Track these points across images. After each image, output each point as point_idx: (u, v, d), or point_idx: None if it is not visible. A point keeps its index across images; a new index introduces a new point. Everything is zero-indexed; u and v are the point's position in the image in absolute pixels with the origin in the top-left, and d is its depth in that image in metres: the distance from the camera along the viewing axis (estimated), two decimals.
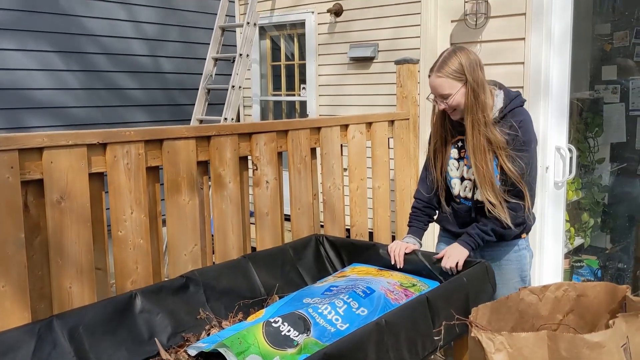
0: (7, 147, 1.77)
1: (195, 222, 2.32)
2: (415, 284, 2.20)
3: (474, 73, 2.11)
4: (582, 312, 1.80)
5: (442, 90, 2.12)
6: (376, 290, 2.05)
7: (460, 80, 2.10)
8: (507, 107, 2.17)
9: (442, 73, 2.11)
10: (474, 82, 2.09)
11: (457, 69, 2.09)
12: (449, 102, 2.12)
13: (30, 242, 1.88)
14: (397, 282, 2.17)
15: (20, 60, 5.09)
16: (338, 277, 2.28)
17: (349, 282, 2.17)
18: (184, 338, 1.98)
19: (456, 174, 2.31)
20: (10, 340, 1.66)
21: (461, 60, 2.10)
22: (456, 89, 2.10)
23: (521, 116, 2.17)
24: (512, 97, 2.20)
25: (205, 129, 2.36)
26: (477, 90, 2.10)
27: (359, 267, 2.39)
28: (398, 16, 4.04)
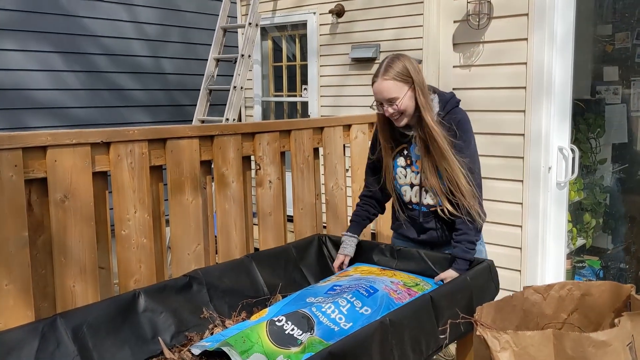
0: (10, 146, 1.77)
1: (199, 222, 2.32)
2: (419, 283, 2.20)
3: (419, 75, 2.11)
4: (586, 311, 1.80)
5: (389, 93, 2.09)
6: (379, 290, 2.05)
7: (407, 83, 2.09)
8: (444, 110, 2.18)
9: (388, 76, 2.08)
10: (419, 84, 2.10)
11: (403, 72, 2.08)
12: (397, 105, 2.10)
13: (33, 240, 1.88)
14: (401, 281, 2.17)
15: (21, 61, 5.10)
16: (341, 277, 2.28)
17: (352, 281, 2.17)
18: (187, 337, 1.98)
19: (405, 182, 2.30)
20: (14, 339, 1.65)
21: (405, 63, 2.10)
22: (404, 92, 2.08)
23: (459, 115, 2.18)
24: (447, 99, 2.21)
25: (208, 128, 2.36)
26: (424, 91, 2.11)
27: (362, 266, 2.39)
28: (400, 17, 4.05)
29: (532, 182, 3.16)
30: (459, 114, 2.20)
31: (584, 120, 3.88)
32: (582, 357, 1.43)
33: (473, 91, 3.35)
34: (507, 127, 3.25)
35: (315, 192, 2.86)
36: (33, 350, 1.67)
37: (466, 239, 2.17)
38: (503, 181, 3.27)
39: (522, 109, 3.17)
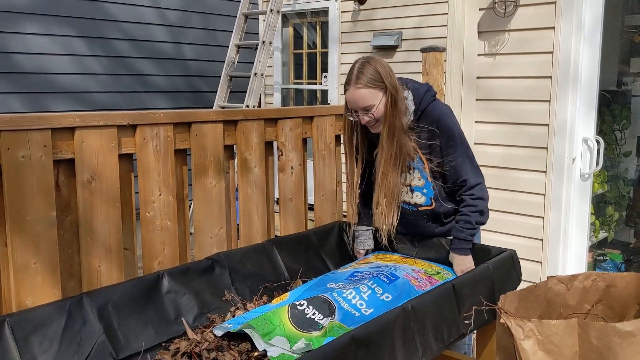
0: (40, 126, 1.79)
1: (221, 206, 2.34)
2: (440, 271, 2.19)
3: (392, 79, 2.02)
4: (610, 303, 1.79)
5: (364, 102, 2.01)
6: (400, 277, 2.06)
7: (381, 89, 2.01)
8: (419, 108, 2.10)
9: (361, 84, 1.99)
10: (392, 88, 2.01)
11: (375, 77, 1.99)
12: (373, 113, 2.02)
13: (60, 221, 1.91)
14: (422, 269, 2.17)
15: (44, 45, 5.15)
16: (362, 264, 2.29)
17: (372, 268, 2.17)
18: (209, 319, 2.00)
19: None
20: (42, 316, 1.69)
21: (377, 67, 2.00)
22: (379, 98, 2.01)
23: (435, 111, 2.10)
24: (421, 95, 2.11)
25: (232, 113, 2.37)
26: (396, 97, 2.02)
27: (383, 254, 2.39)
28: (423, 5, 4.01)
29: (555, 173, 3.13)
30: (435, 109, 2.11)
31: (610, 112, 3.82)
32: (606, 347, 1.42)
33: (497, 80, 3.32)
34: (531, 117, 3.21)
35: (336, 179, 2.86)
36: (60, 327, 1.71)
37: (464, 219, 2.16)
38: (526, 172, 3.24)
39: (547, 99, 3.14)
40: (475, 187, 2.15)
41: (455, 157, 2.12)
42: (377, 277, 2.04)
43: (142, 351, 1.80)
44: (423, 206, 2.24)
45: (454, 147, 2.11)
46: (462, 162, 2.12)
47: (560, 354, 1.46)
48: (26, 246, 1.79)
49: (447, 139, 2.10)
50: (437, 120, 2.10)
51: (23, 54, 5.03)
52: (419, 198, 2.23)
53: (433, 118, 2.10)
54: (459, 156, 2.12)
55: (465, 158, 2.14)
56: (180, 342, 1.84)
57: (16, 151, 1.75)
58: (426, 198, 2.22)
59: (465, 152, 2.15)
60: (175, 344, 1.83)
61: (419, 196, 2.23)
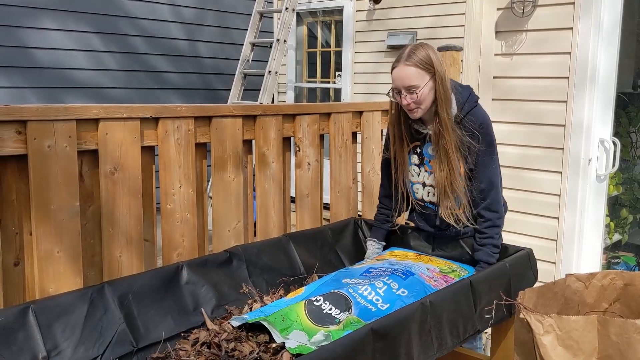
0: (66, 117, 1.82)
1: (239, 200, 2.36)
2: (455, 269, 2.20)
3: (442, 67, 2.01)
4: (628, 301, 1.79)
5: (410, 80, 1.97)
6: (416, 274, 2.06)
7: (429, 72, 1.98)
8: (463, 110, 2.07)
9: (410, 62, 1.97)
10: (442, 75, 1.99)
11: (426, 60, 1.97)
12: (417, 94, 1.99)
13: (83, 210, 1.94)
14: (437, 268, 2.17)
15: (61, 40, 5.19)
16: (377, 260, 2.29)
17: (388, 265, 2.17)
18: (227, 310, 2.02)
19: (418, 180, 2.24)
20: (65, 303, 1.72)
21: (429, 52, 1.99)
22: (425, 81, 1.98)
23: (480, 117, 2.08)
24: (465, 97, 2.09)
25: (252, 108, 2.39)
26: (445, 84, 2.00)
27: (398, 251, 2.39)
28: (440, 4, 4.01)
29: (571, 174, 3.12)
30: (480, 115, 2.09)
31: (626, 114, 3.81)
32: (626, 343, 1.43)
33: (514, 80, 3.32)
34: (547, 117, 3.21)
35: (352, 176, 2.87)
36: (82, 314, 1.74)
37: (491, 242, 2.14)
38: (541, 172, 3.24)
39: (564, 100, 3.13)
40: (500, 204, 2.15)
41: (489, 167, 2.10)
42: (392, 273, 2.05)
43: (161, 340, 1.82)
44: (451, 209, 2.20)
45: (492, 156, 2.10)
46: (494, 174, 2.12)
47: (580, 349, 1.47)
48: (50, 235, 1.82)
49: (486, 145, 2.08)
50: (480, 125, 2.06)
51: (40, 49, 5.08)
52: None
53: (477, 122, 2.06)
54: (493, 167, 2.11)
55: (497, 170, 2.14)
56: (199, 332, 1.86)
57: (42, 141, 1.78)
58: (456, 203, 2.18)
59: (498, 164, 2.15)
60: (195, 334, 1.86)
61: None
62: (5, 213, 1.77)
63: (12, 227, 1.79)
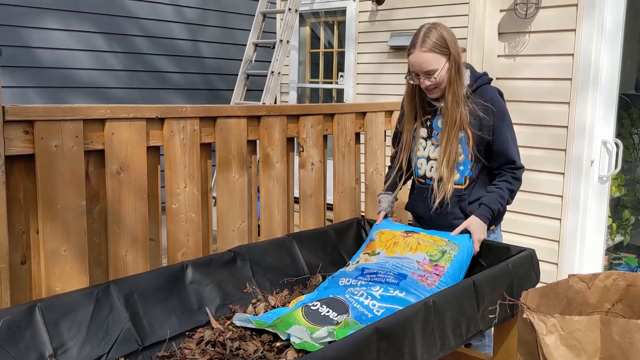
0: (73, 117, 1.84)
1: (244, 200, 2.37)
2: (445, 249, 2.12)
3: (456, 47, 2.06)
4: (630, 302, 1.80)
5: (428, 65, 2.03)
6: (408, 275, 2.03)
7: (444, 55, 2.04)
8: (473, 85, 2.14)
9: (426, 47, 2.02)
10: (456, 55, 2.05)
11: (441, 43, 2.03)
12: (435, 77, 2.06)
13: (89, 210, 1.95)
14: (426, 256, 2.09)
15: (64, 40, 5.21)
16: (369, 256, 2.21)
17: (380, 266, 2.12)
18: (231, 310, 2.03)
19: (423, 154, 2.28)
20: (71, 302, 1.73)
21: (443, 33, 2.04)
22: (442, 64, 2.04)
23: (490, 92, 2.15)
24: (478, 75, 2.17)
25: (256, 108, 2.41)
26: (459, 64, 2.07)
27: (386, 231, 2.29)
28: (443, 5, 4.02)
29: (573, 175, 3.13)
30: (492, 89, 2.17)
31: (628, 115, 3.82)
32: (629, 343, 1.44)
33: (517, 81, 3.33)
34: (550, 118, 3.22)
35: (355, 176, 2.89)
36: (88, 313, 1.75)
37: (499, 192, 2.17)
38: (544, 173, 3.25)
39: (567, 101, 3.14)
40: (519, 170, 2.19)
41: (505, 138, 2.15)
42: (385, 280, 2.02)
43: (166, 339, 1.83)
44: (455, 184, 2.22)
45: (507, 128, 2.15)
46: (511, 144, 2.17)
47: (582, 349, 1.48)
48: (56, 234, 1.84)
49: (501, 118, 2.14)
50: (492, 98, 2.13)
51: (43, 48, 5.10)
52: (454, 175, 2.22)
53: (490, 96, 2.13)
54: (509, 138, 2.15)
55: (514, 141, 2.18)
56: (204, 331, 1.87)
57: (49, 141, 1.79)
58: (461, 176, 2.22)
59: (514, 135, 2.19)
60: (200, 332, 1.87)
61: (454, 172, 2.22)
62: (13, 212, 1.78)
63: (19, 225, 1.80)
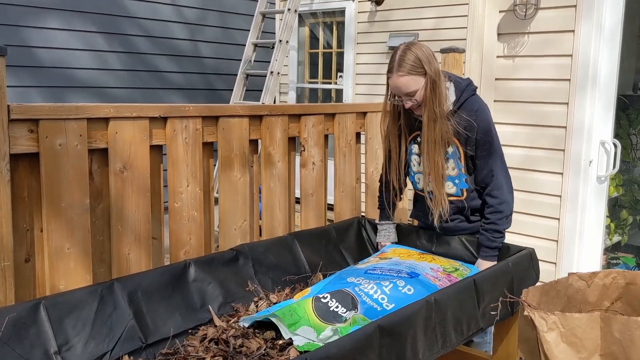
0: (77, 116, 1.85)
1: (246, 199, 2.39)
2: (458, 268, 2.22)
3: (432, 65, 2.09)
4: (630, 300, 1.82)
5: (407, 88, 2.08)
6: (420, 274, 2.09)
7: (421, 74, 2.07)
8: (459, 100, 2.16)
9: (403, 71, 2.07)
10: (433, 74, 2.08)
11: (416, 64, 2.06)
12: (417, 99, 2.10)
13: (93, 208, 1.96)
14: (440, 267, 2.19)
15: (65, 40, 5.22)
16: (380, 259, 2.31)
17: (392, 265, 2.19)
18: (233, 308, 2.05)
19: (419, 169, 2.32)
20: (75, 299, 1.75)
21: (417, 54, 2.07)
22: (421, 84, 2.08)
23: (476, 105, 2.17)
24: (462, 88, 2.18)
25: (258, 108, 2.42)
26: (436, 81, 2.09)
27: (400, 249, 2.41)
28: (440, 6, 4.04)
29: (572, 175, 3.15)
30: (476, 103, 2.18)
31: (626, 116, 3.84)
32: (629, 340, 1.45)
33: (516, 82, 3.35)
34: (549, 119, 3.24)
35: (356, 175, 2.90)
36: (93, 311, 1.76)
37: (493, 227, 2.20)
38: (543, 173, 3.27)
39: (566, 101, 3.16)
40: (503, 189, 2.19)
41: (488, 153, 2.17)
42: (397, 275, 2.07)
43: (170, 337, 1.85)
44: (453, 196, 2.27)
45: (490, 142, 2.17)
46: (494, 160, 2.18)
47: (583, 346, 1.50)
48: (60, 232, 1.85)
49: (483, 133, 2.16)
50: (476, 112, 2.15)
51: (44, 48, 5.10)
52: (450, 188, 2.26)
53: (473, 110, 2.15)
54: (492, 153, 2.17)
55: (498, 156, 2.19)
56: (207, 328, 1.89)
57: (54, 139, 1.81)
58: (457, 189, 2.26)
59: (499, 150, 2.20)
60: (203, 330, 1.88)
61: (450, 186, 2.26)
62: (17, 210, 1.79)
63: (23, 224, 1.82)
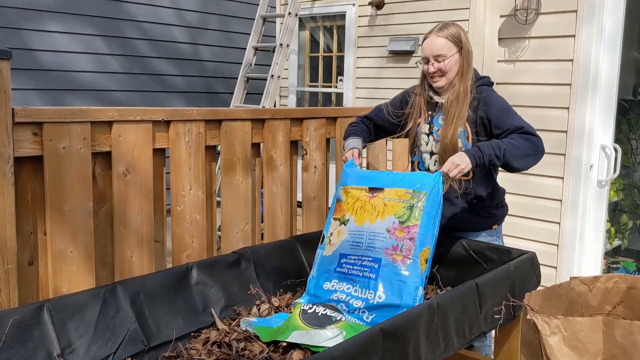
0: (81, 119, 1.85)
1: (248, 202, 2.39)
2: (412, 204, 1.97)
3: (469, 46, 2.20)
4: (631, 304, 1.82)
5: (439, 50, 2.15)
6: (382, 259, 1.93)
7: (457, 45, 2.17)
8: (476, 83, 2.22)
9: (442, 34, 2.17)
10: (467, 52, 2.19)
11: (456, 35, 2.17)
12: (444, 63, 2.16)
13: (96, 211, 1.97)
14: (395, 219, 1.97)
15: (66, 43, 5.23)
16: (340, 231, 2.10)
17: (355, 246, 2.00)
18: (235, 311, 2.05)
19: (426, 149, 2.33)
20: (78, 302, 1.74)
21: (459, 31, 2.20)
22: (452, 52, 2.16)
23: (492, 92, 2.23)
24: (480, 76, 2.28)
25: (260, 112, 2.43)
26: (469, 60, 2.19)
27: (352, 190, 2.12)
28: (441, 11, 4.06)
29: (573, 179, 3.16)
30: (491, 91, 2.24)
31: (626, 121, 3.85)
32: (631, 344, 1.46)
33: (517, 86, 3.36)
34: (550, 123, 3.25)
35: None
36: (95, 313, 1.76)
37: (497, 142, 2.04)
38: (543, 177, 3.28)
39: (566, 106, 3.17)
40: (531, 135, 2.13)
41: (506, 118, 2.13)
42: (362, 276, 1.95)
43: (172, 340, 1.85)
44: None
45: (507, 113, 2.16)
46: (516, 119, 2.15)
47: (585, 350, 1.51)
48: (64, 235, 1.85)
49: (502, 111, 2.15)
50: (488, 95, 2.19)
51: (44, 51, 5.11)
52: None
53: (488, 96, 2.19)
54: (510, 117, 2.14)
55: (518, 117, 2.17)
56: (209, 331, 1.89)
57: (58, 142, 1.81)
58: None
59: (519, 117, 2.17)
60: (205, 333, 1.88)
61: None
62: (21, 213, 1.80)
63: (27, 227, 1.82)
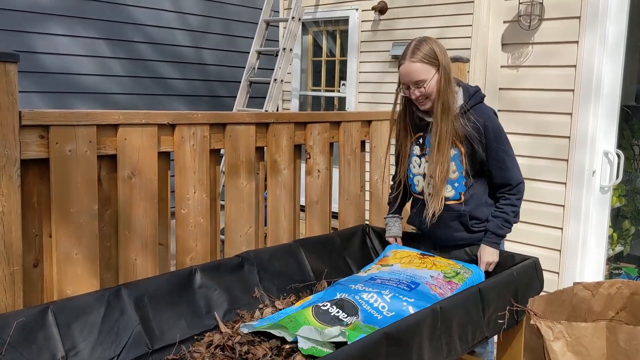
0: (87, 122, 1.86)
1: (251, 206, 2.40)
2: (459, 272, 2.19)
3: (446, 58, 2.12)
4: (634, 310, 1.83)
5: (417, 75, 2.09)
6: (421, 284, 2.08)
7: (434, 66, 2.09)
8: (467, 104, 2.17)
9: (416, 58, 2.08)
10: (446, 66, 2.10)
11: (430, 54, 2.08)
12: (425, 88, 2.11)
13: (101, 214, 1.97)
14: (441, 273, 2.16)
15: (69, 46, 5.25)
16: (381, 267, 2.29)
17: (392, 274, 2.18)
18: (238, 314, 2.06)
19: (418, 171, 2.32)
20: (83, 304, 1.75)
21: (432, 46, 2.10)
22: (431, 74, 2.09)
23: (486, 111, 2.19)
24: (471, 93, 2.20)
25: (264, 115, 2.44)
26: (449, 74, 2.12)
27: (402, 251, 2.35)
28: (446, 16, 4.06)
29: (575, 185, 3.17)
30: (485, 109, 2.20)
31: (629, 127, 3.86)
32: (634, 349, 1.46)
33: (520, 92, 3.37)
34: (552, 129, 3.26)
35: (360, 183, 2.92)
36: (100, 316, 1.77)
37: (505, 217, 2.21)
38: (546, 183, 3.28)
39: (569, 112, 3.18)
40: (519, 186, 2.22)
41: (502, 159, 2.18)
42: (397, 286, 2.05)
43: (176, 343, 1.85)
44: (451, 200, 2.25)
45: (503, 147, 2.18)
46: (509, 165, 2.20)
47: (589, 355, 1.51)
48: (69, 237, 1.86)
49: (495, 138, 2.16)
50: (486, 119, 2.16)
51: (47, 54, 5.13)
52: (449, 191, 2.25)
53: (482, 116, 2.16)
54: (505, 159, 2.19)
55: (512, 158, 2.21)
56: (213, 335, 1.89)
57: (64, 145, 1.82)
58: (455, 192, 2.25)
59: (511, 152, 2.22)
60: (209, 336, 1.89)
61: (449, 189, 2.25)
62: (26, 215, 1.80)
63: (32, 229, 1.82)
